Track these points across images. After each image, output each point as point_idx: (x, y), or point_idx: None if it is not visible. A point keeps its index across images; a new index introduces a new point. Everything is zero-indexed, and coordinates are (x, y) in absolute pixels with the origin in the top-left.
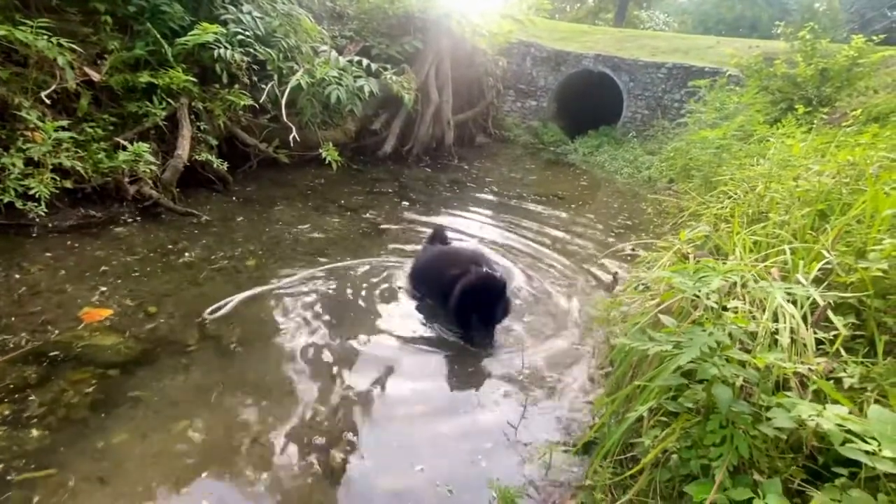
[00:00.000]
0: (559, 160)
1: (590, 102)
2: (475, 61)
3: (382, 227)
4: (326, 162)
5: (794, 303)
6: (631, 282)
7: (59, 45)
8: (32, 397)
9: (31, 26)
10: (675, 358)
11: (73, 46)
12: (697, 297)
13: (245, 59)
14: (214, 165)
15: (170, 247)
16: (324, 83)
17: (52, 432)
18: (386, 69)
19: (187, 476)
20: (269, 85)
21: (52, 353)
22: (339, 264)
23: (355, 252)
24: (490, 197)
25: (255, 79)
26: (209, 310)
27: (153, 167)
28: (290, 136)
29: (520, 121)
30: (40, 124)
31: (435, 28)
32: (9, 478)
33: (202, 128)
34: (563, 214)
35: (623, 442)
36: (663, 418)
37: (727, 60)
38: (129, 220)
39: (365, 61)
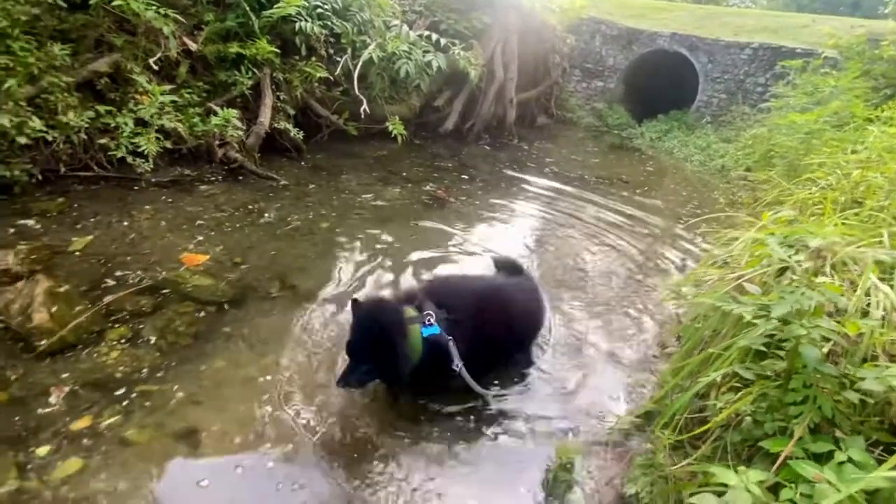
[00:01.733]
0: (624, 144)
1: (661, 85)
2: (543, 38)
3: (443, 198)
4: (393, 136)
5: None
6: (707, 259)
7: (165, 15)
8: (146, 324)
9: None
10: (759, 324)
11: (177, 17)
12: (787, 264)
13: (323, 31)
14: (291, 134)
15: (250, 207)
16: (394, 57)
17: (162, 354)
18: (454, 44)
19: (275, 402)
20: (344, 58)
21: (161, 289)
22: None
23: (418, 219)
24: (550, 177)
25: (331, 51)
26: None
27: (239, 132)
28: (361, 109)
29: (584, 102)
30: (149, 88)
31: (504, 2)
32: (129, 388)
33: (281, 98)
34: (627, 198)
35: (688, 408)
36: (737, 384)
37: (823, 41)
38: (215, 179)
39: (434, 36)
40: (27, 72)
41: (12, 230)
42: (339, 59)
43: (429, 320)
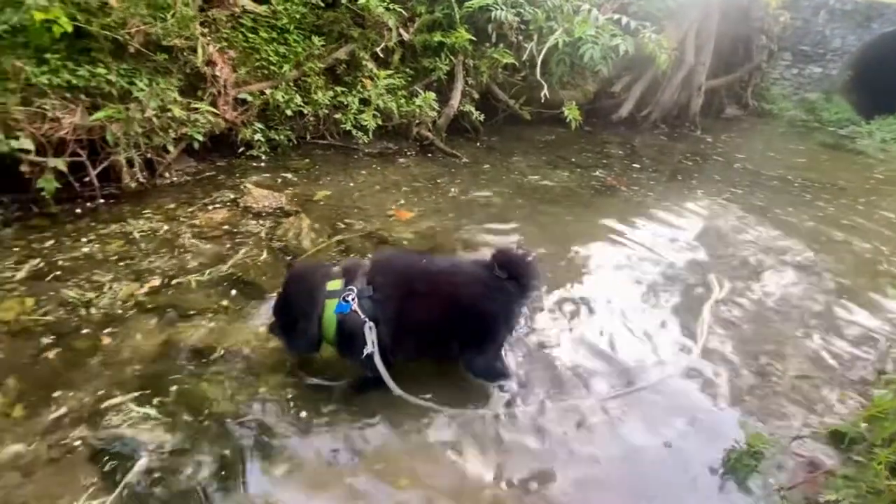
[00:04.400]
0: (841, 144)
1: None
2: (750, 16)
3: (614, 185)
4: (567, 121)
5: None
6: None
7: (390, 9)
8: None
9: None
10: None
11: (400, 11)
12: None
13: (515, 19)
14: (473, 117)
15: (438, 180)
16: (580, 42)
17: None
18: (643, 27)
19: None
20: (531, 45)
21: (376, 235)
22: None
23: (587, 206)
24: (740, 173)
25: (519, 38)
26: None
27: (433, 113)
28: (542, 94)
29: (791, 91)
30: (377, 73)
31: None
32: None
33: (469, 82)
34: (846, 206)
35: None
36: None
37: None
38: (410, 154)
39: (624, 19)
40: (296, 59)
41: (280, 180)
42: (525, 45)
43: (346, 297)
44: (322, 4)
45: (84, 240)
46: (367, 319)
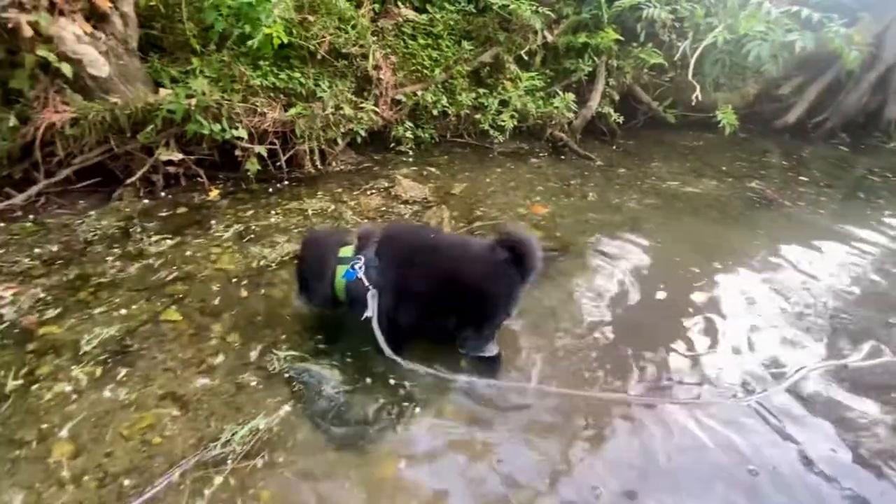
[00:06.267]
0: None
1: None
2: None
3: (773, 199)
4: (719, 125)
5: None
6: None
7: (537, 12)
8: None
9: None
10: None
11: (547, 13)
12: None
13: (670, 17)
14: (611, 119)
15: (571, 181)
16: (745, 39)
17: None
18: (830, 19)
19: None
20: (684, 43)
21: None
22: None
23: (736, 219)
24: None
25: (672, 36)
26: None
27: (570, 115)
28: (693, 96)
29: None
30: (520, 75)
31: None
32: None
33: (610, 83)
34: None
35: None
36: None
37: None
38: (542, 154)
39: (805, 11)
40: (446, 63)
41: (425, 173)
42: (678, 44)
43: (353, 265)
44: (473, 11)
45: (273, 212)
46: (370, 287)
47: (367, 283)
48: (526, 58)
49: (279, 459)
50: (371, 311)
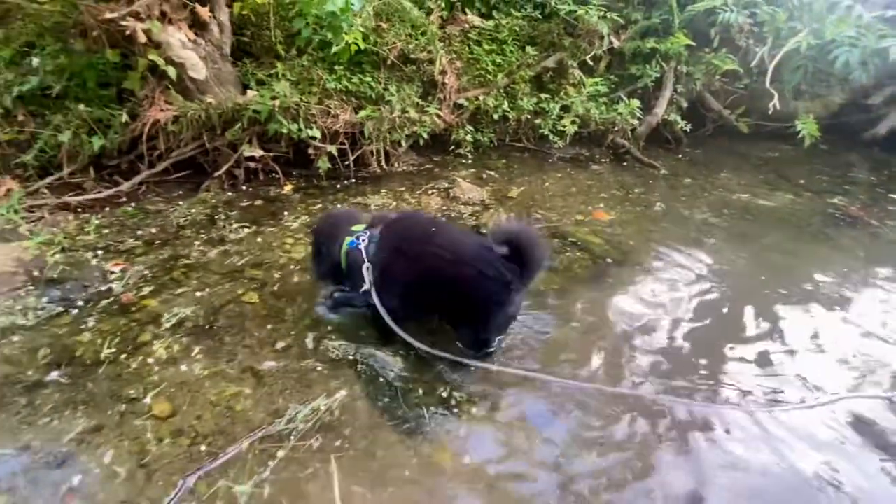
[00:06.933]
0: None
1: None
2: None
3: (858, 216)
4: (799, 136)
5: None
6: None
7: (604, 17)
8: (555, 258)
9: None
10: None
11: (615, 18)
12: None
13: (747, 21)
14: (678, 126)
15: (634, 190)
16: (832, 45)
17: (562, 278)
18: None
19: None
20: (762, 49)
21: (564, 236)
22: None
23: (815, 235)
24: None
25: (750, 41)
26: None
27: (634, 121)
28: (771, 104)
29: None
30: (585, 80)
31: None
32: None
33: (678, 90)
34: None
35: None
36: None
37: None
38: (604, 161)
39: None
40: (509, 68)
41: (484, 176)
42: (756, 49)
43: (358, 237)
44: (539, 16)
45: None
46: (365, 260)
47: (364, 256)
48: (591, 63)
49: (338, 440)
50: (367, 281)
